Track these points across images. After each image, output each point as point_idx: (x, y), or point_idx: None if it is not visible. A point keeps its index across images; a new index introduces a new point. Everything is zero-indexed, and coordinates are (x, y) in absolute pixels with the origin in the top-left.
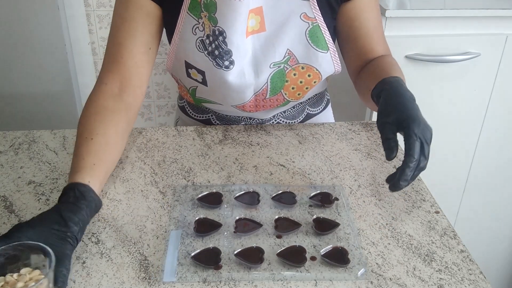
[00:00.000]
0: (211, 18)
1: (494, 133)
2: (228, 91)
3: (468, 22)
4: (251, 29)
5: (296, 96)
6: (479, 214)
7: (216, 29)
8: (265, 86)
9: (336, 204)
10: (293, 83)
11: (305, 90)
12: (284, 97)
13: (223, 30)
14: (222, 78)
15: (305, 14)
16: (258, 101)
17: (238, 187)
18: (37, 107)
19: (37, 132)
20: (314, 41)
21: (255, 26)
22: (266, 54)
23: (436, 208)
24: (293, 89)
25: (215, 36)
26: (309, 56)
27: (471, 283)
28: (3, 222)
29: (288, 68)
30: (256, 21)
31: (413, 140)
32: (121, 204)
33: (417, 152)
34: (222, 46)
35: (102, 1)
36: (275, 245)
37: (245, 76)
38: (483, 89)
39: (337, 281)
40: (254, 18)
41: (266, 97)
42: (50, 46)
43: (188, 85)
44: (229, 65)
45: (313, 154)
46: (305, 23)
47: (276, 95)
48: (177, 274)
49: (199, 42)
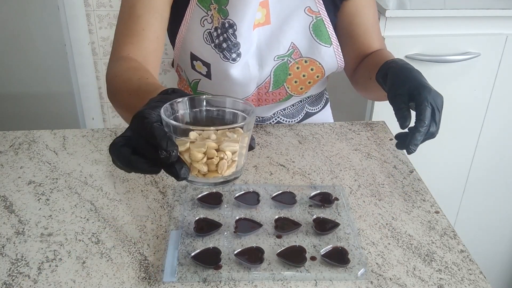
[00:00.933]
0: (221, 11)
1: (494, 133)
2: (231, 84)
3: (468, 22)
4: (257, 22)
5: (299, 90)
6: (479, 214)
7: (226, 22)
8: (268, 79)
9: (336, 204)
10: (296, 76)
11: (307, 84)
12: (286, 91)
13: (233, 23)
14: (227, 71)
15: (309, 8)
16: (261, 94)
17: (238, 187)
18: (37, 107)
19: (37, 132)
20: (318, 35)
21: (261, 19)
22: (270, 47)
23: (436, 208)
24: (296, 83)
25: (224, 28)
26: (312, 50)
27: (471, 283)
28: (3, 222)
29: (292, 61)
30: (262, 13)
31: (425, 106)
32: (121, 204)
33: (427, 117)
34: (232, 39)
35: (102, 1)
36: (275, 245)
37: (250, 69)
38: (483, 89)
39: (337, 281)
40: (261, 11)
41: (268, 91)
42: (50, 46)
43: (191, 78)
44: (236, 58)
45: (313, 154)
46: (309, 17)
47: (279, 89)
48: (177, 274)
49: (207, 34)
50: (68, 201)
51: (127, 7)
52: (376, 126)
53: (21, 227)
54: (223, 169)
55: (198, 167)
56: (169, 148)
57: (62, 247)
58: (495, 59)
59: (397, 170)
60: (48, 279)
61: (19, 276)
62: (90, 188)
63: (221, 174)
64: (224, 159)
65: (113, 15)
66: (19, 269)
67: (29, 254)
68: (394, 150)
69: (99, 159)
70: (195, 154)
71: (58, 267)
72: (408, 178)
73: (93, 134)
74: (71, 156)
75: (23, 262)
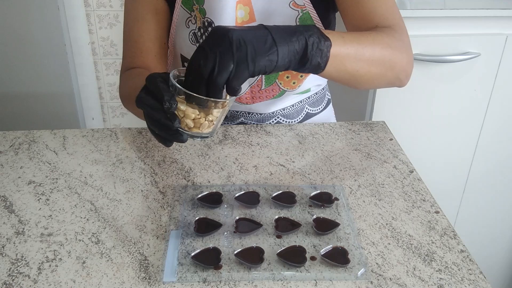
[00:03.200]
0: (201, 10)
1: (494, 133)
2: None
3: (468, 22)
4: (240, 20)
5: (292, 85)
6: (479, 214)
7: (205, 21)
8: (259, 77)
9: (336, 204)
10: (288, 71)
11: (299, 78)
12: (279, 87)
13: (211, 21)
14: None
15: (294, 2)
16: (254, 92)
17: (238, 187)
18: (37, 107)
19: (37, 132)
20: None
21: (245, 17)
22: None
23: (436, 208)
24: (288, 78)
25: (205, 27)
26: None
27: (471, 283)
28: (3, 222)
29: None
30: (245, 11)
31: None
32: (121, 204)
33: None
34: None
35: (102, 1)
36: (275, 245)
37: None
38: (483, 89)
39: (337, 281)
40: (243, 9)
41: (261, 88)
42: (50, 46)
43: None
44: None
45: (313, 154)
46: (295, 11)
47: (271, 86)
48: (177, 274)
49: (192, 35)
50: (68, 201)
51: (125, 30)
52: (376, 126)
53: (21, 227)
54: (204, 127)
55: (187, 122)
56: (171, 101)
57: (62, 247)
58: (495, 59)
59: (397, 170)
60: (48, 279)
61: (19, 276)
62: (90, 188)
63: (201, 131)
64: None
65: (113, 15)
66: (19, 269)
67: (29, 254)
68: (394, 150)
69: (99, 159)
70: (189, 112)
71: (58, 267)
72: (408, 178)
73: (93, 134)
74: (71, 156)
75: (23, 262)
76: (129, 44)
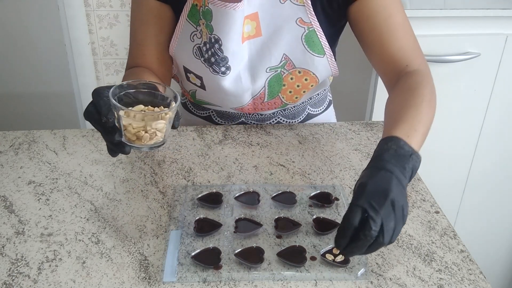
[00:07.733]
0: (208, 26)
1: (494, 133)
2: (225, 95)
3: (468, 22)
4: (246, 35)
5: (294, 99)
6: (479, 214)
7: (212, 37)
8: (262, 90)
9: (336, 204)
10: (290, 87)
11: (302, 93)
12: (282, 101)
13: (218, 38)
14: (219, 84)
15: (300, 19)
16: (256, 104)
17: (238, 187)
18: (37, 107)
19: (37, 132)
20: (311, 46)
21: (251, 32)
22: (262, 58)
23: (436, 208)
24: (291, 93)
25: (211, 43)
26: (305, 61)
27: (471, 283)
28: (3, 222)
29: (285, 72)
30: (252, 26)
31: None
32: (121, 204)
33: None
34: (218, 53)
35: (102, 1)
36: (275, 245)
37: (242, 81)
38: (483, 89)
39: (337, 281)
40: (250, 23)
41: (264, 101)
42: (50, 46)
43: (188, 88)
44: (225, 71)
45: (313, 154)
46: (301, 28)
47: (274, 99)
48: (177, 274)
49: (196, 49)
50: (68, 201)
51: (131, 32)
52: (376, 126)
53: (21, 227)
54: (146, 140)
55: (128, 135)
56: (107, 116)
57: (62, 247)
58: (495, 59)
59: None
60: (48, 279)
61: (19, 276)
62: (90, 188)
63: (144, 143)
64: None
65: (113, 15)
66: (19, 269)
67: (29, 254)
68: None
69: (99, 159)
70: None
71: (58, 267)
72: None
73: (93, 134)
74: (71, 156)
75: (23, 262)
76: (134, 45)
